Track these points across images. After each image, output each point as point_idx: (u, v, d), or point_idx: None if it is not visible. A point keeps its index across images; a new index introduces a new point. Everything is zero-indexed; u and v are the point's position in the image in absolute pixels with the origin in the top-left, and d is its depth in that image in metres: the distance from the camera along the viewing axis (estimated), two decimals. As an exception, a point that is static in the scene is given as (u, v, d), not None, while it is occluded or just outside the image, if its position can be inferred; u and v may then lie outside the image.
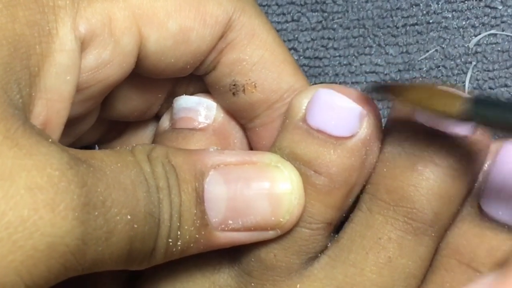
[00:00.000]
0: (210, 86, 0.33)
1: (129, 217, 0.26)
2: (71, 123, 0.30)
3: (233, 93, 0.32)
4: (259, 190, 0.29)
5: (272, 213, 0.29)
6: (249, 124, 0.33)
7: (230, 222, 0.29)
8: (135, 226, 0.26)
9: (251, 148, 0.35)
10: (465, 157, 0.30)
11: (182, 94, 0.35)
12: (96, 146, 0.38)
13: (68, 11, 0.28)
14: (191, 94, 0.35)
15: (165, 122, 0.35)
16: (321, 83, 0.40)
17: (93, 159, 0.26)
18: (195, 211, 0.28)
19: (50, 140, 0.25)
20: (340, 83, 0.40)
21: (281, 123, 0.32)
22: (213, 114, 0.33)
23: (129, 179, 0.26)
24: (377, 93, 0.31)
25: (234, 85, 0.32)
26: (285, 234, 0.30)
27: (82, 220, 0.24)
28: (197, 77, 0.33)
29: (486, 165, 0.32)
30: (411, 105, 0.29)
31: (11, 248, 0.22)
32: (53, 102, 0.28)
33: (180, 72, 0.32)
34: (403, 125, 0.31)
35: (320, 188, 0.30)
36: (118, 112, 0.34)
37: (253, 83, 0.32)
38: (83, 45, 0.28)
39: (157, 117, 0.36)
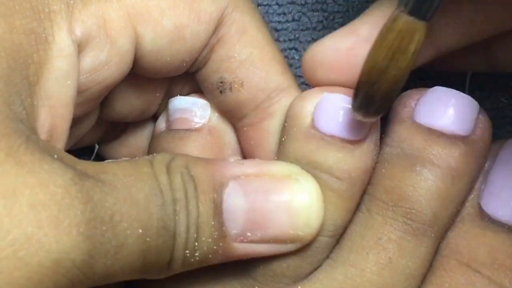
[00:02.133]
0: (201, 83, 0.33)
1: (140, 231, 0.26)
2: (71, 125, 0.30)
3: (220, 91, 0.32)
4: (278, 203, 0.29)
5: (291, 226, 0.29)
6: (237, 123, 0.33)
7: (249, 234, 0.29)
8: (148, 239, 0.26)
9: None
10: (465, 157, 0.30)
11: (178, 93, 0.35)
12: (96, 145, 0.38)
13: (63, 15, 0.28)
14: (187, 92, 0.35)
15: (161, 123, 0.35)
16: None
17: (104, 173, 0.26)
18: (213, 222, 0.28)
19: (55, 155, 0.25)
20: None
21: (285, 132, 0.31)
22: (208, 113, 0.34)
23: (142, 192, 0.26)
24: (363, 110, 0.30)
25: (221, 82, 0.32)
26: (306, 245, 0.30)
27: (87, 235, 0.24)
28: (192, 76, 0.33)
29: (486, 165, 0.32)
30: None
31: (17, 265, 0.23)
32: (56, 108, 0.28)
33: (177, 70, 0.32)
34: (402, 125, 0.31)
35: (343, 194, 0.30)
36: (117, 113, 0.34)
37: (240, 81, 0.32)
38: (80, 47, 0.28)
39: (155, 117, 0.36)
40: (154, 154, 0.29)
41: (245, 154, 0.34)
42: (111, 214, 0.25)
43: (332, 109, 0.30)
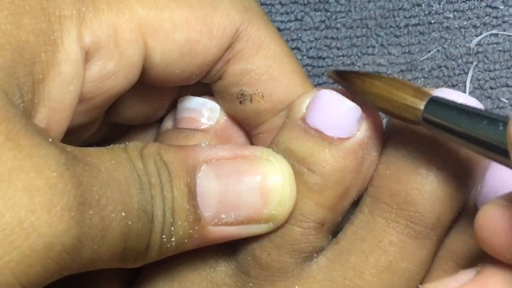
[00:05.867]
0: (217, 93, 0.33)
1: (123, 214, 0.26)
2: (75, 130, 0.31)
3: (240, 102, 0.32)
4: (250, 183, 0.29)
5: (264, 205, 0.29)
6: (254, 130, 0.33)
7: (223, 216, 0.29)
8: (129, 223, 0.26)
9: None
10: (469, 161, 0.30)
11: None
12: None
13: (74, 21, 0.28)
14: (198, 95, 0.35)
15: (168, 121, 0.35)
16: (324, 83, 0.40)
17: (89, 157, 0.26)
18: (188, 206, 0.28)
19: (50, 139, 0.25)
20: (343, 83, 0.40)
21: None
22: (216, 116, 0.34)
23: (122, 176, 0.26)
24: (338, 79, 0.31)
25: (241, 94, 0.32)
26: (277, 232, 0.30)
27: (77, 219, 0.24)
28: (202, 84, 0.33)
29: (483, 166, 0.32)
30: (370, 96, 0.29)
31: (7, 248, 0.23)
32: (55, 111, 0.28)
33: (186, 81, 0.32)
34: (407, 128, 0.31)
35: (312, 186, 0.30)
36: (122, 117, 0.34)
37: (261, 94, 0.32)
38: (88, 56, 0.28)
39: (160, 120, 0.36)
40: (127, 142, 0.29)
41: None
42: (98, 198, 0.25)
43: (322, 104, 0.30)
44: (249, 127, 0.33)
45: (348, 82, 0.30)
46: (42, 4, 0.27)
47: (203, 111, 0.34)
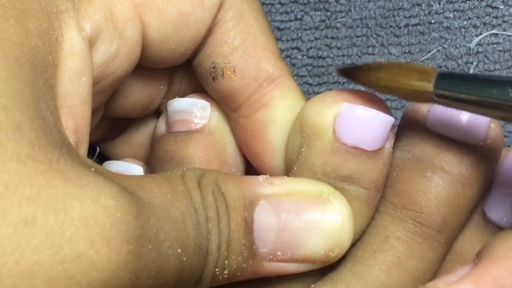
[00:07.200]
0: (196, 70, 0.33)
1: (179, 250, 0.25)
2: None
3: (213, 78, 0.32)
4: (309, 223, 0.28)
5: (322, 246, 0.29)
6: (233, 114, 0.33)
7: (279, 253, 0.28)
8: (184, 259, 0.25)
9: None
10: (476, 165, 0.30)
11: (178, 86, 0.35)
12: (97, 147, 0.38)
13: (70, 13, 0.28)
14: (186, 85, 0.35)
15: (161, 126, 0.35)
16: (325, 83, 0.40)
17: (142, 190, 0.25)
18: (244, 241, 0.27)
19: (92, 169, 0.24)
20: (343, 83, 0.40)
21: (303, 143, 0.31)
22: (207, 113, 0.33)
23: (179, 211, 0.26)
24: (345, 76, 0.31)
25: (213, 67, 0.32)
26: None
27: (136, 254, 0.23)
28: (191, 70, 0.33)
29: (492, 172, 0.32)
30: (379, 89, 0.29)
31: (68, 284, 0.22)
32: (76, 108, 0.27)
33: (181, 58, 0.32)
34: (414, 130, 0.31)
35: (371, 202, 0.30)
36: (121, 108, 0.34)
37: (232, 68, 0.31)
38: (91, 43, 0.28)
39: (157, 114, 0.36)
40: (184, 168, 0.28)
41: (241, 146, 0.34)
42: (156, 232, 0.24)
43: (354, 120, 0.29)
44: (228, 110, 0.33)
45: (354, 79, 0.30)
46: (41, 3, 0.27)
47: (194, 111, 0.33)
